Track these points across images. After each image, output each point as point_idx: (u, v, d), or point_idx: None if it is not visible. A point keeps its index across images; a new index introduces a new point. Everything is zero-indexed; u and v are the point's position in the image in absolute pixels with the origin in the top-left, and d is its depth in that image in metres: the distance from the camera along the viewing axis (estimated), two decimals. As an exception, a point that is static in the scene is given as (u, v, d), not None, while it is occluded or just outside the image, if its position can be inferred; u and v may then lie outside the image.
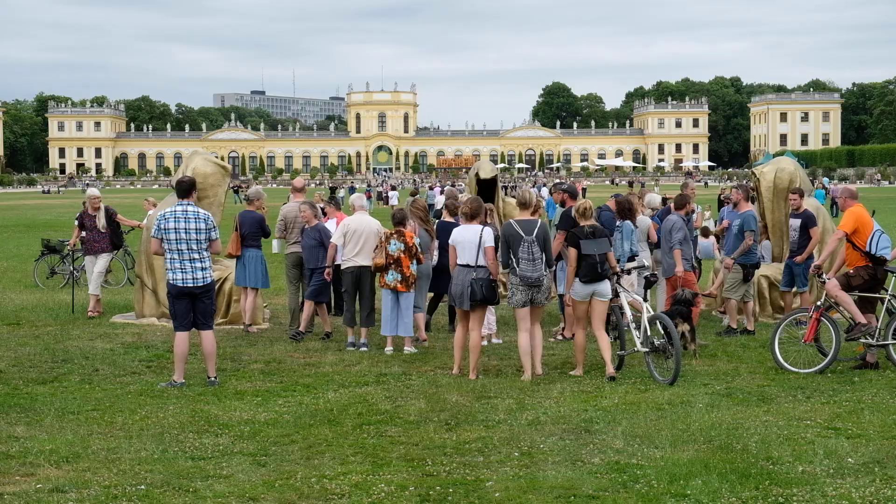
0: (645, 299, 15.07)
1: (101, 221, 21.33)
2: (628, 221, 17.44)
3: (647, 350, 14.28)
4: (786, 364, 14.44)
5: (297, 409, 12.22)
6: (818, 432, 10.95)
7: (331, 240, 17.05)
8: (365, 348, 16.48)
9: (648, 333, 14.33)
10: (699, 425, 11.23)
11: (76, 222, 21.96)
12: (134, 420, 11.70)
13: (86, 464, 9.87)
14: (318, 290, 17.67)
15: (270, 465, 9.88)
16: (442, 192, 72.30)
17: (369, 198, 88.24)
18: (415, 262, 16.23)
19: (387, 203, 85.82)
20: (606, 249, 14.39)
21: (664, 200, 20.39)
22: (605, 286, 14.42)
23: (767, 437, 10.71)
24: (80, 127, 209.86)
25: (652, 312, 14.72)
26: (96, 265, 21.27)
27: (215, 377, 13.86)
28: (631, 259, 17.05)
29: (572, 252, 14.40)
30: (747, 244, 17.55)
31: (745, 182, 23.99)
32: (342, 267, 16.83)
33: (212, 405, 12.49)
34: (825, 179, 79.67)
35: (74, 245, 22.50)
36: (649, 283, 15.55)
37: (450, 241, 14.91)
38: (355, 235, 16.67)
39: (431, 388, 13.52)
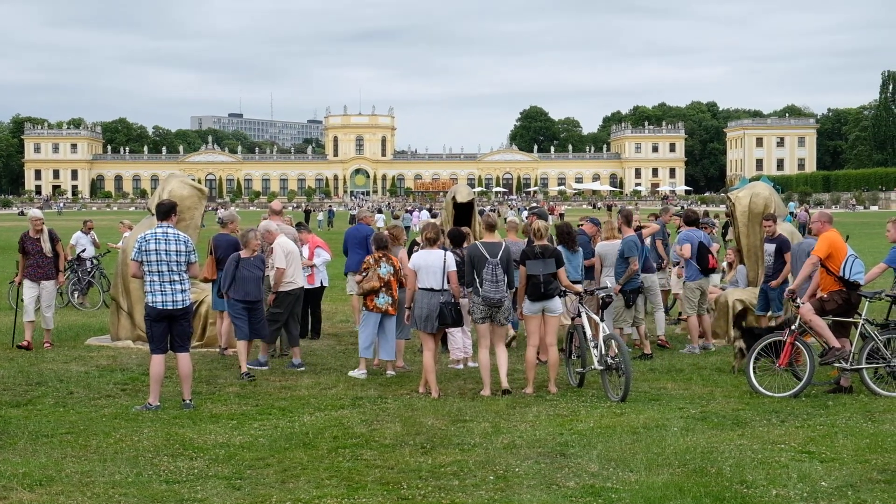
0: (602, 319, 15.25)
1: (46, 245, 19.33)
2: (580, 249, 17.43)
3: (602, 368, 14.52)
4: (760, 388, 14.49)
5: (273, 433, 12.20)
6: (792, 456, 10.99)
7: (277, 265, 16.97)
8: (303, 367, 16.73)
9: (603, 352, 14.57)
10: (674, 449, 11.26)
11: (19, 246, 19.56)
12: (108, 443, 11.65)
13: (59, 487, 9.82)
14: (265, 325, 16.85)
15: (245, 488, 9.86)
16: (431, 216, 72.23)
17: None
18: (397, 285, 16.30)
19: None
20: (552, 270, 14.77)
21: (638, 228, 20.41)
22: (555, 303, 14.94)
23: (742, 461, 10.74)
24: (56, 149, 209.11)
25: (608, 332, 14.97)
26: (42, 295, 19.36)
27: (191, 400, 13.82)
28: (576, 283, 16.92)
29: (522, 270, 14.82)
30: (632, 269, 17.52)
31: (626, 206, 23.95)
32: (286, 290, 16.96)
33: (187, 428, 12.45)
34: (791, 205, 79.72)
35: (20, 281, 19.59)
36: (604, 304, 15.78)
37: (409, 266, 15.19)
38: (292, 257, 16.86)
39: (407, 411, 13.52)
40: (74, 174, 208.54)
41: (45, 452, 11.20)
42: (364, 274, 16.26)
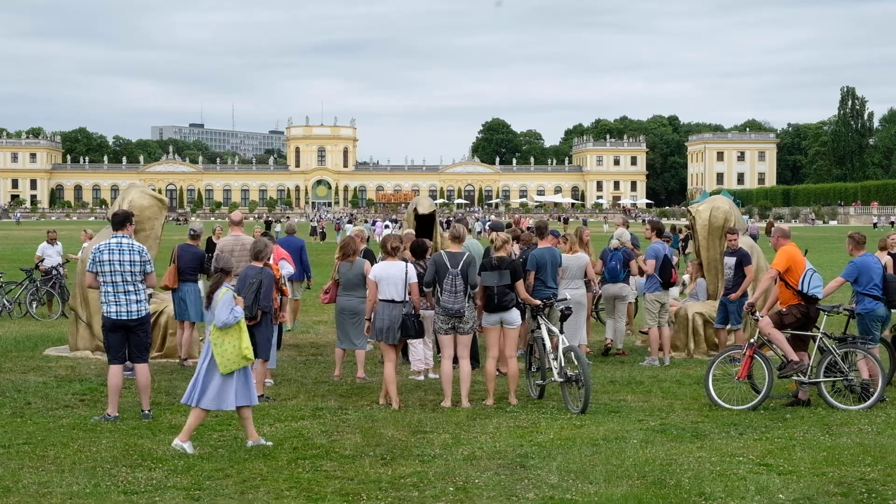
0: (561, 331, 15.30)
1: None
2: None
3: (562, 380, 14.58)
4: (719, 401, 14.57)
5: (232, 444, 12.16)
6: (750, 468, 11.06)
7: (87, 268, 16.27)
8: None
9: (563, 364, 14.63)
10: (633, 461, 11.31)
11: None
12: (66, 454, 11.57)
13: (16, 498, 9.76)
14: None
15: (204, 499, 9.82)
16: (387, 226, 72.37)
17: (337, 230, 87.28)
18: None
19: (323, 239, 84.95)
20: (507, 281, 14.86)
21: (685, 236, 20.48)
22: (512, 315, 15.03)
23: (700, 473, 10.80)
24: (15, 158, 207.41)
25: (567, 343, 14.98)
26: None
27: (149, 411, 13.75)
28: None
29: (480, 282, 14.90)
30: (528, 282, 17.50)
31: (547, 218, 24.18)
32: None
33: (145, 439, 12.39)
34: (744, 218, 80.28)
35: None
36: (564, 316, 15.82)
37: (370, 277, 15.18)
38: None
39: (367, 422, 13.51)
40: (34, 184, 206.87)
41: (2, 463, 11.12)
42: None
